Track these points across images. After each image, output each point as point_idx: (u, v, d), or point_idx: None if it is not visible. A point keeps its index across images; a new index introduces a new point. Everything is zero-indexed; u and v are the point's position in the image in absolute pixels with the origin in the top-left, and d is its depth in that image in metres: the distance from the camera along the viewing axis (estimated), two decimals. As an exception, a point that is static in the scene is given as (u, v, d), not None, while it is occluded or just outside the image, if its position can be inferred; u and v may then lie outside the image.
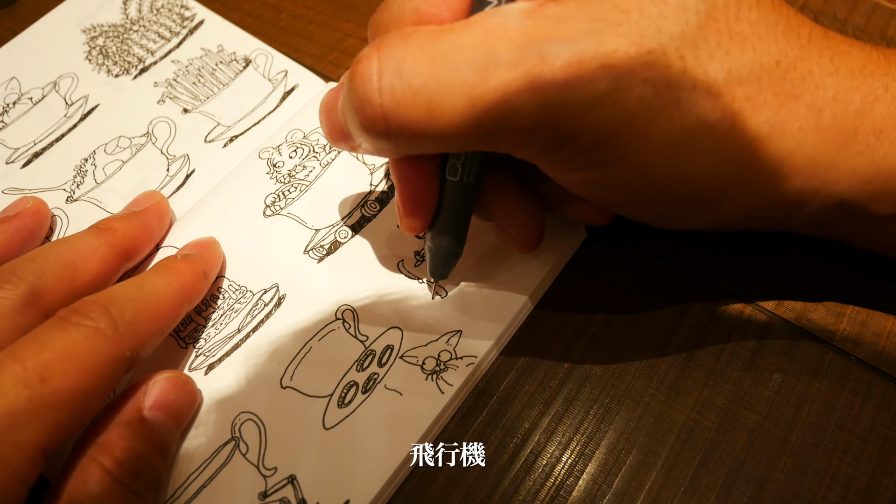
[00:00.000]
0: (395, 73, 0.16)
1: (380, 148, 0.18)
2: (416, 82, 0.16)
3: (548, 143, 0.17)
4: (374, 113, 0.16)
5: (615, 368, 0.23)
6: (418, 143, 0.17)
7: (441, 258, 0.22)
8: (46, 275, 0.21)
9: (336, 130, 0.19)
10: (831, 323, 0.23)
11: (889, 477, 0.20)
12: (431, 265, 0.23)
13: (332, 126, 0.20)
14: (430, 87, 0.16)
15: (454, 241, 0.22)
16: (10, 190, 0.29)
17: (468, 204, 0.21)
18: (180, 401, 0.22)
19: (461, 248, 0.22)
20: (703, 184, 0.18)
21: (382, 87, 0.16)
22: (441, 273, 0.23)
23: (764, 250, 0.25)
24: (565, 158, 0.18)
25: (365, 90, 0.16)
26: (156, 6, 0.35)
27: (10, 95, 0.32)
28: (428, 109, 0.16)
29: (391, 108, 0.16)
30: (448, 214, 0.21)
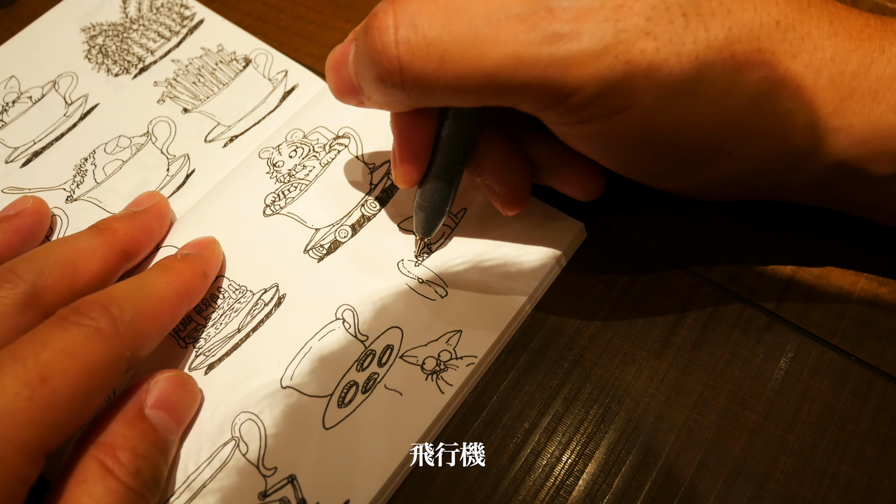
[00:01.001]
0: (410, 25, 0.17)
1: (392, 100, 0.19)
2: (431, 35, 0.17)
3: (553, 95, 0.17)
4: (390, 65, 0.17)
5: (615, 368, 0.23)
6: (431, 94, 0.18)
7: (429, 215, 0.23)
8: (46, 274, 0.21)
9: (345, 85, 0.20)
10: (831, 323, 0.23)
11: (889, 477, 0.20)
12: (418, 221, 0.24)
13: (340, 81, 0.20)
14: (444, 40, 0.17)
15: (442, 199, 0.23)
16: (10, 189, 0.29)
17: (460, 162, 0.22)
18: (182, 400, 0.22)
19: (448, 207, 0.23)
20: (702, 138, 0.19)
21: (398, 39, 0.17)
22: (426, 230, 0.24)
23: (764, 250, 0.25)
24: (569, 110, 0.18)
25: (382, 42, 0.17)
26: (155, 5, 0.35)
27: (10, 94, 0.32)
28: (441, 61, 0.17)
29: (407, 60, 0.17)
30: (439, 171, 0.22)
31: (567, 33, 0.16)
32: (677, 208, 0.26)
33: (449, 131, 0.21)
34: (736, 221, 0.26)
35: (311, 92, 0.31)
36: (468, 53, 0.17)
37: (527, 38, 0.16)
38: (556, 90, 0.17)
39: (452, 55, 0.17)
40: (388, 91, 0.18)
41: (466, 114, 0.21)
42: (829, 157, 0.19)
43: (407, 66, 0.17)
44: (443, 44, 0.17)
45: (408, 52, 0.17)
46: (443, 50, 0.17)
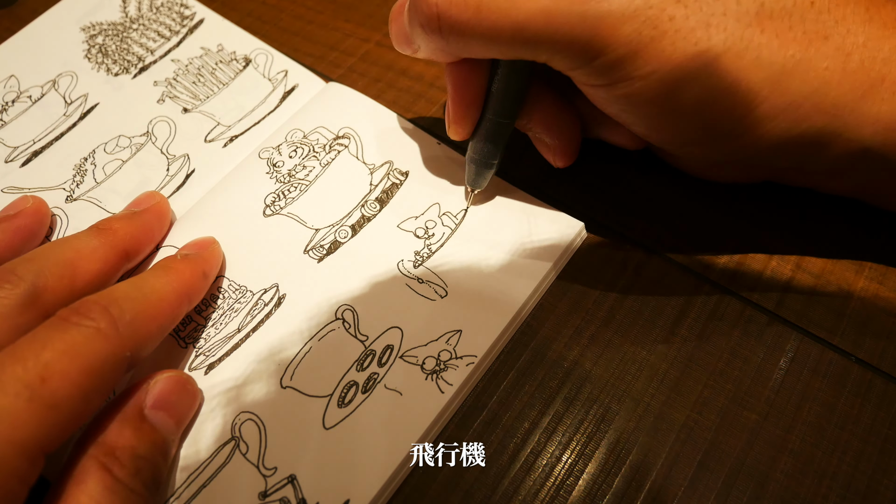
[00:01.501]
0: None
1: (433, 47, 0.21)
2: None
3: (582, 53, 0.18)
4: (430, 12, 0.19)
5: (615, 368, 0.23)
6: (466, 43, 0.19)
7: (479, 167, 0.25)
8: (46, 274, 0.21)
9: (400, 34, 0.22)
10: (831, 323, 0.23)
11: (889, 477, 0.20)
12: (469, 174, 0.25)
13: (397, 30, 0.22)
14: None
15: (492, 151, 0.24)
16: (10, 189, 0.29)
17: (510, 117, 0.23)
18: (181, 400, 0.22)
19: (498, 160, 0.24)
20: (724, 110, 0.19)
21: None
22: (477, 182, 0.25)
23: (765, 250, 0.25)
24: (596, 71, 0.19)
25: None
26: (155, 5, 0.35)
27: (9, 94, 0.32)
28: (477, 11, 0.18)
29: (444, 8, 0.19)
30: (489, 125, 0.23)
31: None
32: (677, 208, 0.26)
33: (499, 86, 0.22)
34: (736, 221, 0.26)
35: (311, 92, 0.31)
36: (502, 5, 0.18)
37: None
38: (584, 48, 0.18)
39: (488, 5, 0.18)
40: (429, 38, 0.20)
41: (516, 69, 0.22)
42: (853, 142, 0.19)
43: (444, 13, 0.19)
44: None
45: (446, 1, 0.19)
46: (479, 1, 0.18)
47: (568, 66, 0.19)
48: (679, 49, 0.18)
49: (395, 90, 0.31)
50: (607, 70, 0.19)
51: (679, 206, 0.26)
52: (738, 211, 0.26)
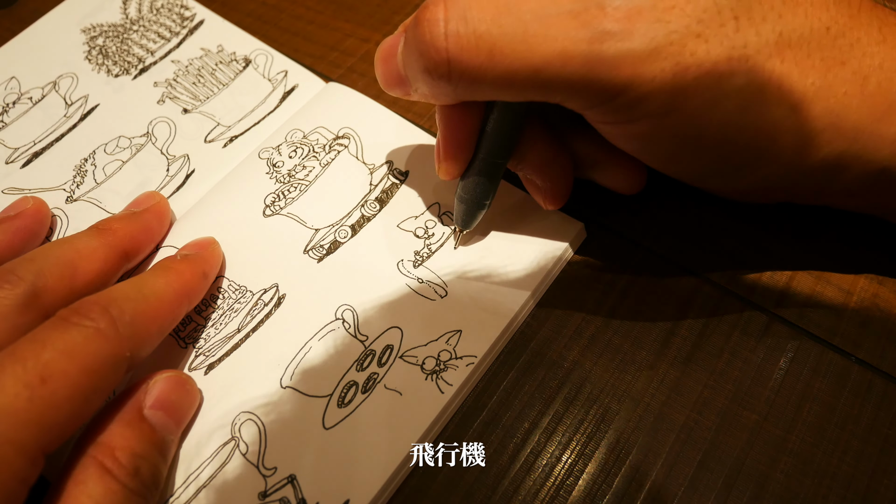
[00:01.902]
0: (460, 19, 0.17)
1: (438, 92, 0.19)
2: (481, 29, 0.17)
3: (601, 93, 0.18)
4: (438, 57, 0.18)
5: (615, 368, 0.23)
6: (477, 87, 0.18)
7: (470, 207, 0.24)
8: (46, 275, 0.21)
9: (392, 76, 0.21)
10: (831, 323, 0.23)
11: (889, 477, 0.20)
12: (458, 214, 0.24)
13: (388, 72, 0.21)
14: (494, 34, 0.17)
15: (484, 192, 0.23)
16: (10, 190, 0.29)
17: (503, 157, 0.22)
18: (181, 400, 0.22)
19: (489, 201, 0.24)
20: (748, 141, 0.19)
21: (448, 32, 0.17)
22: (466, 223, 0.24)
23: (765, 250, 0.25)
24: (616, 109, 0.18)
25: (431, 35, 0.18)
26: (156, 6, 0.35)
27: (10, 95, 0.32)
28: (490, 55, 0.17)
29: (455, 53, 0.17)
30: (482, 165, 0.22)
31: (618, 32, 0.16)
32: (677, 208, 0.26)
33: (494, 126, 0.22)
34: (736, 221, 0.26)
35: (311, 92, 0.31)
36: (517, 48, 0.17)
37: (577, 35, 0.17)
38: (603, 89, 0.17)
39: (502, 50, 0.17)
40: (435, 83, 0.19)
41: (512, 109, 0.21)
42: (872, 163, 0.19)
43: (455, 58, 0.17)
44: (492, 38, 0.17)
45: (457, 45, 0.17)
46: (492, 44, 0.17)
47: (584, 106, 0.19)
48: (702, 85, 0.17)
49: (394, 90, 0.31)
50: (626, 109, 0.18)
51: (679, 206, 0.26)
52: (739, 211, 0.26)
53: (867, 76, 0.18)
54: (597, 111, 0.19)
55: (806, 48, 0.18)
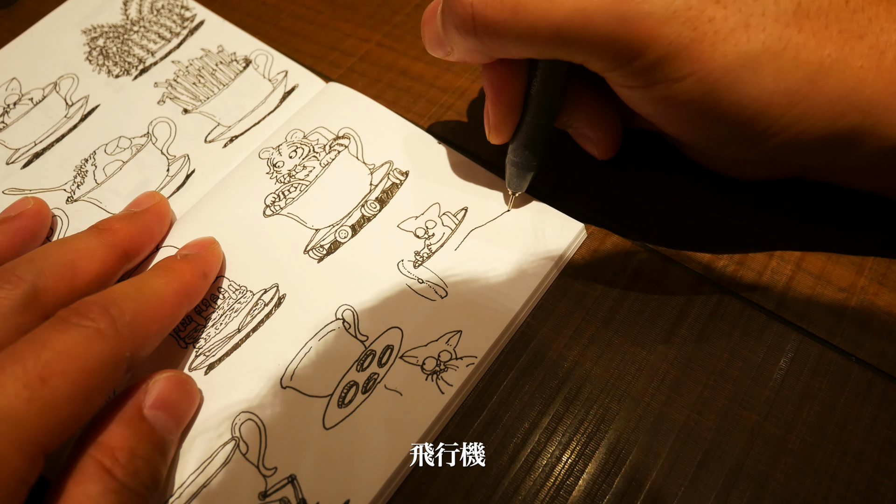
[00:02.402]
0: None
1: (469, 48, 0.20)
2: None
3: (619, 55, 0.18)
4: (464, 12, 0.19)
5: (615, 368, 0.23)
6: (503, 43, 0.19)
7: (520, 170, 0.24)
8: (46, 275, 0.21)
9: (434, 37, 0.22)
10: (831, 323, 0.23)
11: (889, 477, 0.20)
12: (510, 177, 0.25)
13: (430, 33, 0.22)
14: None
15: (532, 155, 0.24)
16: (11, 190, 0.29)
17: (549, 118, 0.23)
18: (181, 400, 0.22)
19: (538, 162, 0.24)
20: (762, 109, 0.19)
21: None
22: (518, 185, 0.25)
23: (765, 250, 0.25)
24: (634, 72, 0.19)
25: None
26: (156, 7, 0.35)
27: (11, 96, 0.32)
28: (514, 11, 0.18)
29: (480, 8, 0.19)
30: (529, 127, 0.23)
31: None
32: (678, 209, 0.26)
33: (538, 88, 0.22)
34: (736, 221, 0.26)
35: (311, 92, 0.31)
36: (540, 5, 0.18)
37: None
38: (622, 50, 0.18)
39: (525, 6, 0.18)
40: (464, 39, 0.20)
41: (555, 69, 0.22)
42: (884, 139, 0.19)
43: (479, 13, 0.19)
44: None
45: (482, 1, 0.18)
46: (516, 1, 0.18)
47: (605, 67, 0.19)
48: (719, 50, 0.18)
49: (395, 90, 0.31)
50: (645, 72, 0.18)
51: (679, 206, 0.26)
52: (739, 211, 0.26)
53: (884, 51, 0.19)
54: (617, 74, 0.19)
55: (824, 19, 0.18)
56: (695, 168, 0.26)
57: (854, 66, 0.18)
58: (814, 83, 0.18)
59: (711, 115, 0.20)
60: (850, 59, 0.18)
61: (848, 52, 0.18)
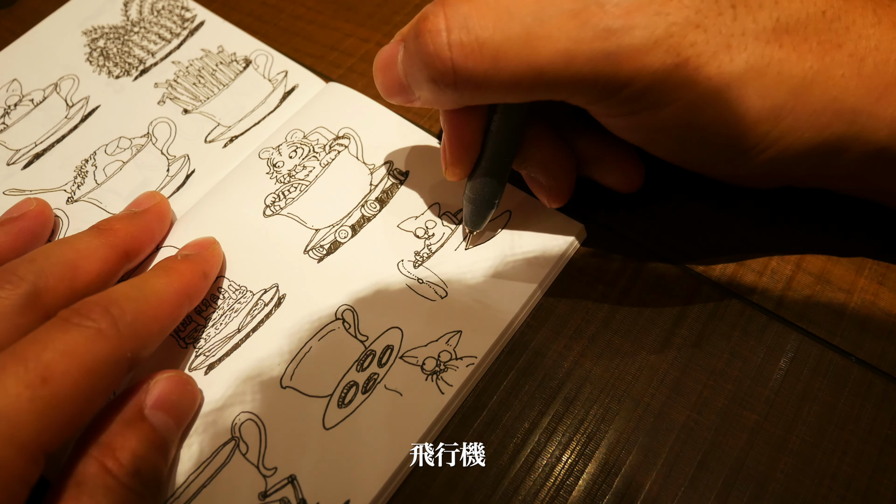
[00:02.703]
0: (462, 28, 0.17)
1: (444, 99, 0.20)
2: (483, 36, 0.17)
3: (605, 88, 0.18)
4: (444, 67, 0.18)
5: (615, 368, 0.23)
6: (483, 93, 0.19)
7: (478, 208, 0.24)
8: (47, 275, 0.21)
9: (394, 86, 0.21)
10: (831, 323, 0.23)
11: (889, 477, 0.20)
12: (467, 215, 0.24)
13: (389, 82, 0.21)
14: (497, 40, 0.17)
15: (491, 192, 0.23)
16: (12, 191, 0.29)
17: (508, 156, 0.23)
18: (181, 400, 0.22)
19: (497, 199, 0.24)
20: (749, 127, 0.19)
21: (451, 42, 0.17)
22: (476, 223, 0.24)
23: (765, 250, 0.25)
24: (620, 102, 0.19)
25: (435, 45, 0.18)
26: (156, 8, 0.35)
27: (12, 97, 0.32)
28: (494, 61, 0.17)
29: (461, 62, 0.18)
30: (488, 165, 0.23)
31: (619, 28, 0.17)
32: (678, 208, 0.26)
33: (498, 126, 0.22)
34: (736, 221, 0.26)
35: (311, 92, 0.31)
36: (521, 52, 0.17)
37: (578, 34, 0.17)
38: (608, 84, 0.18)
39: (506, 55, 0.17)
40: (441, 91, 0.19)
41: (515, 109, 0.21)
42: (870, 144, 0.20)
43: (461, 67, 0.18)
44: (495, 44, 0.17)
45: (461, 54, 0.17)
46: (496, 50, 0.17)
47: (589, 101, 0.19)
48: (703, 74, 0.18)
49: (395, 91, 0.31)
50: (630, 102, 0.18)
51: (679, 207, 0.26)
52: (738, 211, 0.26)
53: (864, 58, 0.19)
54: (602, 105, 0.19)
55: (803, 32, 0.18)
56: (695, 168, 0.26)
57: (836, 76, 0.18)
58: (798, 97, 0.18)
59: (699, 137, 0.20)
60: (832, 69, 0.18)
61: (829, 63, 0.18)
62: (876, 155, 0.20)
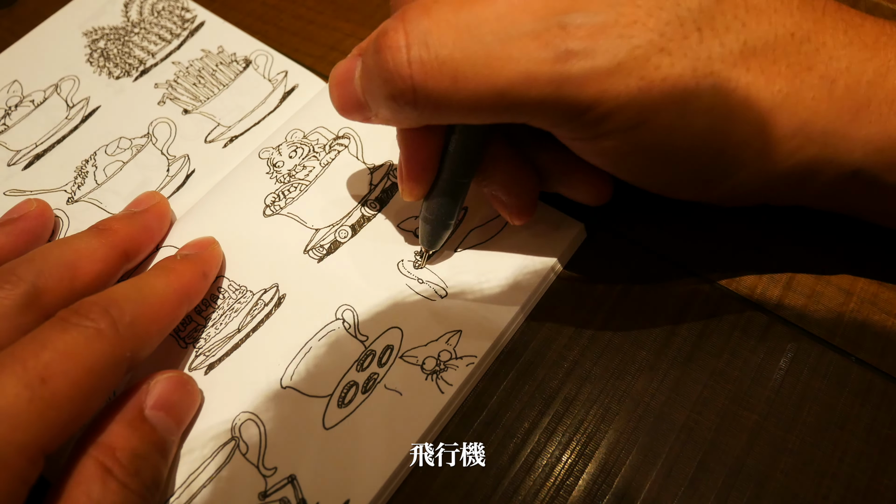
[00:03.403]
0: (422, 45, 0.17)
1: (402, 118, 0.19)
2: (443, 54, 0.17)
3: (567, 112, 0.17)
4: (403, 84, 0.17)
5: (615, 368, 0.23)
6: (443, 112, 0.18)
7: (435, 227, 0.23)
8: (46, 275, 0.21)
9: (350, 102, 0.20)
10: (831, 323, 0.23)
11: (889, 477, 0.20)
12: (423, 234, 0.24)
13: (345, 97, 0.20)
14: (457, 59, 0.17)
15: (447, 212, 0.23)
16: (12, 192, 0.29)
17: (466, 176, 0.22)
18: (181, 401, 0.22)
19: (453, 220, 0.23)
20: (718, 151, 0.19)
21: (411, 58, 0.17)
22: (432, 243, 0.24)
23: (764, 250, 0.25)
24: (583, 126, 0.18)
25: (394, 62, 0.17)
26: (157, 8, 0.35)
27: (13, 98, 0.32)
28: (454, 80, 0.17)
29: (420, 80, 0.17)
30: (445, 185, 0.22)
31: (581, 51, 0.16)
32: (677, 209, 0.26)
33: (456, 146, 0.21)
34: (736, 222, 0.25)
35: (311, 92, 0.31)
36: (481, 72, 0.17)
37: (540, 55, 0.16)
38: (570, 108, 0.17)
39: (465, 74, 0.17)
40: (400, 109, 0.18)
41: (474, 129, 0.21)
42: (844, 166, 0.19)
43: (420, 85, 0.17)
44: (455, 63, 0.17)
45: (421, 71, 0.17)
46: (455, 69, 0.17)
47: (551, 124, 0.18)
48: (668, 98, 0.17)
49: (395, 91, 0.31)
50: (594, 125, 0.18)
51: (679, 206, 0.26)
52: (738, 211, 0.26)
53: (834, 80, 0.18)
54: (565, 129, 0.19)
55: (771, 55, 0.18)
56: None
57: (806, 99, 0.18)
58: (767, 121, 0.18)
59: (665, 162, 0.19)
60: (802, 92, 0.18)
61: (798, 85, 0.18)
62: (851, 176, 0.19)
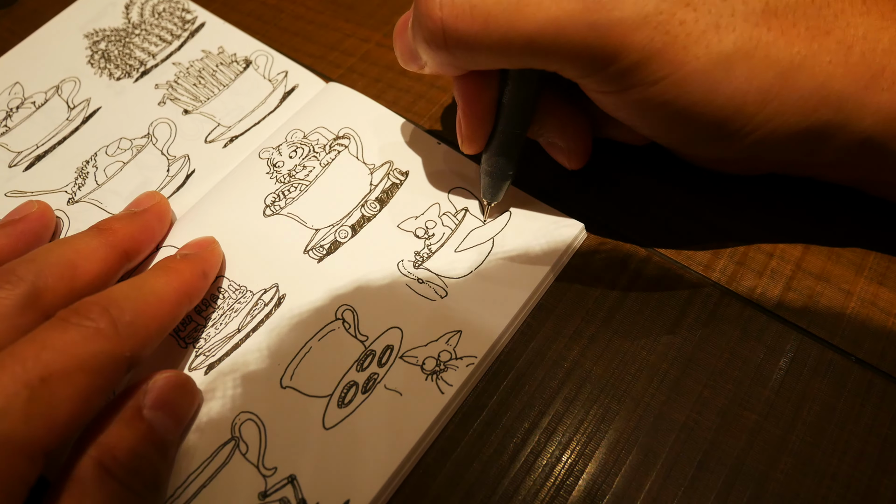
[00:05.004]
0: None
1: (440, 62, 0.20)
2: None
3: (593, 62, 0.18)
4: (434, 26, 0.18)
5: (615, 368, 0.23)
6: (474, 56, 0.19)
7: (494, 180, 0.24)
8: (46, 275, 0.21)
9: (406, 51, 0.22)
10: (831, 323, 0.23)
11: (889, 477, 0.20)
12: (485, 187, 0.25)
13: (402, 47, 0.22)
14: (488, 4, 0.18)
15: (507, 163, 0.24)
16: (13, 193, 0.29)
17: (521, 127, 0.23)
18: (181, 400, 0.22)
19: (513, 170, 0.24)
20: (735, 108, 0.19)
21: (443, 2, 0.18)
22: (493, 195, 0.25)
23: (764, 250, 0.25)
24: (608, 78, 0.19)
25: (427, 6, 0.18)
26: (157, 10, 0.35)
27: (14, 100, 0.32)
28: (485, 24, 0.18)
29: (450, 22, 0.18)
30: (502, 136, 0.23)
31: (609, 1, 0.17)
32: (677, 208, 0.26)
33: (510, 97, 0.22)
34: (736, 221, 0.25)
35: (311, 92, 0.31)
36: (511, 17, 0.18)
37: (568, 4, 0.17)
38: (595, 57, 0.18)
39: (496, 18, 0.18)
40: (435, 53, 0.19)
41: (526, 78, 0.22)
42: (855, 132, 0.20)
43: (450, 27, 0.18)
44: (486, 7, 0.18)
45: (451, 14, 0.18)
46: (486, 13, 0.18)
47: (579, 74, 0.19)
48: (691, 53, 0.18)
49: (395, 90, 0.31)
50: (619, 77, 0.19)
51: (679, 206, 0.26)
52: (738, 211, 0.26)
53: (851, 46, 0.19)
54: (591, 80, 0.19)
55: (791, 17, 0.18)
56: (694, 168, 0.26)
57: (823, 62, 0.19)
58: (785, 80, 0.19)
59: (686, 117, 0.20)
60: (819, 56, 0.19)
61: (816, 49, 0.19)
62: (860, 143, 0.20)
